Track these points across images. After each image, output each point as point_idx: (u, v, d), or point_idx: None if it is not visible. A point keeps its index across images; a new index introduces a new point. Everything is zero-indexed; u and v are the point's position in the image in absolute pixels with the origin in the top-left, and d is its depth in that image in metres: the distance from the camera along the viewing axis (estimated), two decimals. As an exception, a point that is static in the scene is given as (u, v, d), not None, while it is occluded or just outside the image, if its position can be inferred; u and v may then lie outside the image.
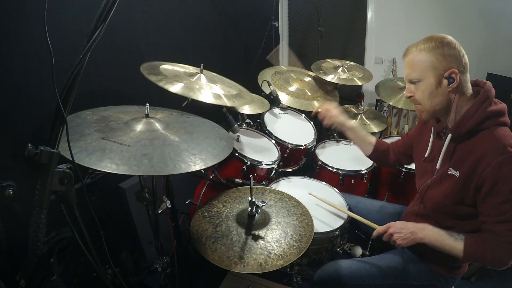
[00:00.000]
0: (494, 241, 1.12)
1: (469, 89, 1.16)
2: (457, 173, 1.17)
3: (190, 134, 1.16)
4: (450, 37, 1.12)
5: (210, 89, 1.48)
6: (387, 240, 1.31)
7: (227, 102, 1.47)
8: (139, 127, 1.11)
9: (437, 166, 1.25)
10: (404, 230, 1.27)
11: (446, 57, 1.10)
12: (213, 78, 1.61)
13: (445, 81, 1.12)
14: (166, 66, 1.53)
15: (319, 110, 1.66)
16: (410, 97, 1.22)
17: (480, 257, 1.16)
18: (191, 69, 1.63)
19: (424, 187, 1.33)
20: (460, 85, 1.12)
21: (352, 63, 2.62)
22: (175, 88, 1.36)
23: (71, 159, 0.82)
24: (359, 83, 2.42)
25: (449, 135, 1.19)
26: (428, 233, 1.24)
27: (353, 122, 1.66)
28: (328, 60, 2.62)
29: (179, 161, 0.99)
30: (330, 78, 2.39)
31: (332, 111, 1.62)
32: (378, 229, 1.34)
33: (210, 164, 1.05)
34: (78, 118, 1.12)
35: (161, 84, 1.34)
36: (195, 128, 1.22)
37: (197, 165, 1.01)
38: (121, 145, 0.98)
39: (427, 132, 1.37)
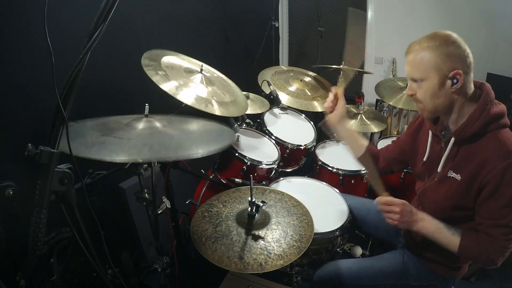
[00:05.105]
0: (490, 244, 1.12)
1: (472, 89, 1.13)
2: (458, 176, 1.15)
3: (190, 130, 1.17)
4: (455, 35, 1.08)
5: (197, 92, 1.43)
6: (382, 210, 1.24)
7: (214, 110, 1.40)
8: (140, 125, 1.11)
9: (439, 170, 1.22)
10: (407, 216, 1.20)
11: (451, 57, 1.06)
12: (212, 79, 1.59)
13: (448, 82, 1.08)
14: (168, 59, 1.49)
15: (332, 98, 1.47)
16: (412, 95, 1.18)
17: (475, 255, 1.16)
18: (193, 65, 1.60)
19: (423, 190, 1.32)
20: (463, 86, 1.09)
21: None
22: (167, 86, 1.34)
23: (70, 158, 0.82)
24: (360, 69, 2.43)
25: (452, 139, 1.16)
26: (427, 224, 1.21)
27: (349, 125, 1.60)
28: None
29: (181, 149, 0.98)
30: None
31: (338, 109, 1.46)
32: (382, 197, 1.24)
33: (212, 150, 1.02)
34: (77, 124, 1.12)
35: (154, 78, 1.32)
36: (195, 124, 1.23)
37: (199, 151, 0.98)
38: (122, 139, 0.97)
39: (423, 136, 1.35)
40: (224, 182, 1.74)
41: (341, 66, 2.40)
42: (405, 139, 1.45)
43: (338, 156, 2.14)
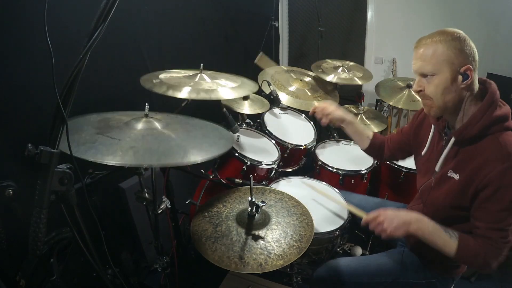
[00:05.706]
0: (488, 247, 1.10)
1: (477, 86, 1.12)
2: (456, 176, 1.15)
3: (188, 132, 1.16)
4: (463, 33, 1.09)
5: (221, 86, 1.48)
6: (373, 229, 1.21)
7: (244, 92, 1.53)
8: (139, 125, 1.10)
9: (437, 169, 1.22)
10: (396, 220, 1.17)
11: (462, 52, 1.06)
12: (213, 75, 1.60)
13: (460, 77, 1.07)
14: (164, 75, 1.51)
15: (315, 110, 1.59)
16: (419, 91, 1.15)
17: (472, 258, 1.13)
18: (189, 72, 1.62)
19: (424, 187, 1.33)
20: (472, 83, 1.09)
21: (352, 63, 2.61)
22: (183, 94, 1.36)
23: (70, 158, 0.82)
24: (359, 82, 2.42)
25: (452, 139, 1.16)
26: (424, 225, 1.17)
27: (352, 116, 1.59)
28: (328, 60, 2.62)
29: (169, 156, 0.97)
30: (330, 78, 2.39)
31: (328, 108, 1.55)
32: (366, 217, 1.23)
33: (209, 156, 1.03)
34: (83, 118, 1.12)
35: (164, 91, 1.34)
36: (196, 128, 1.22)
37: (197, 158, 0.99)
38: (113, 139, 0.96)
39: (425, 130, 1.35)
40: (224, 182, 1.74)
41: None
42: (409, 131, 1.47)
43: (338, 156, 2.14)
